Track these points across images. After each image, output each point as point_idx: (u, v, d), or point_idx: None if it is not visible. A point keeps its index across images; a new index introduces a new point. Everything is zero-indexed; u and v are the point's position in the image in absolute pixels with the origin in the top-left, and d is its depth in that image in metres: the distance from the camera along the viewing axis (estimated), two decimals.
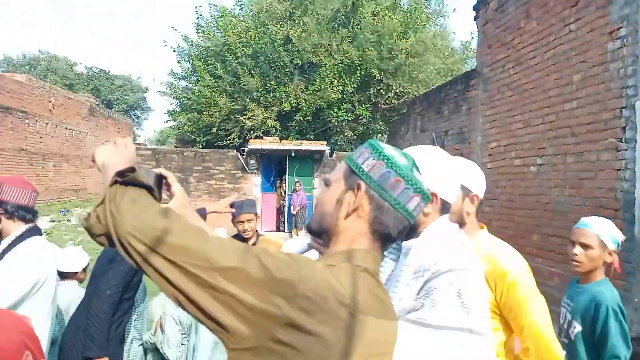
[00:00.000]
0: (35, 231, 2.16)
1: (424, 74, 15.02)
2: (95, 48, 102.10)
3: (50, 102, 18.30)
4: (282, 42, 15.21)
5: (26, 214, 2.12)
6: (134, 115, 44.00)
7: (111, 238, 0.89)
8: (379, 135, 18.56)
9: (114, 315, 2.40)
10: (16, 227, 2.09)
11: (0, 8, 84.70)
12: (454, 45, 18.14)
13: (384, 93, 15.28)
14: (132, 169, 0.95)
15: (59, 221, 14.08)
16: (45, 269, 2.08)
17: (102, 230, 0.90)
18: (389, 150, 1.01)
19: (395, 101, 15.35)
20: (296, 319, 0.81)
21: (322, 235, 1.04)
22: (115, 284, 2.37)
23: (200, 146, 15.83)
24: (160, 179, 1.18)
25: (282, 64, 15.07)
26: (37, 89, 17.74)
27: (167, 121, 20.97)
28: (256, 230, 3.06)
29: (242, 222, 2.95)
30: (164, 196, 1.20)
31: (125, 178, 0.93)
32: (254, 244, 3.09)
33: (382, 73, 14.70)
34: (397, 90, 15.08)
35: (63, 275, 3.26)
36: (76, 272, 3.25)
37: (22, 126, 16.01)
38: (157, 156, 13.12)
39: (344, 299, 0.85)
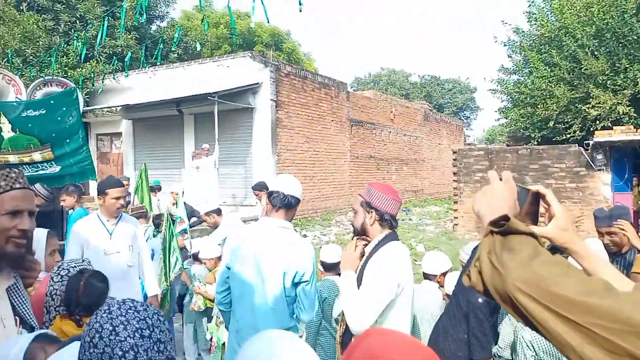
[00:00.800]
0: (394, 236, 2.34)
1: None
2: (427, 57, 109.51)
3: (391, 112, 20.50)
4: (634, 11, 12.75)
5: (393, 222, 2.32)
6: (464, 116, 45.01)
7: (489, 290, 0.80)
8: None
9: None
10: (381, 232, 2.30)
11: (351, 38, 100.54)
12: None
13: None
14: (505, 217, 0.83)
15: (402, 220, 15.54)
16: (406, 272, 2.22)
17: (482, 286, 0.82)
18: None
19: None
20: None
21: None
22: None
23: (535, 142, 14.81)
24: (535, 197, 1.02)
25: (635, 37, 12.62)
26: (381, 102, 20.12)
27: (497, 119, 20.56)
28: (630, 246, 2.57)
29: (602, 234, 2.58)
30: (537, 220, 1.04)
31: (502, 227, 0.82)
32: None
33: None
34: None
35: (424, 276, 3.51)
36: (436, 275, 3.45)
37: (371, 136, 18.45)
38: (489, 156, 12.93)
39: None
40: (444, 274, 3.47)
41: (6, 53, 14.73)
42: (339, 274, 3.00)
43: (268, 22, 5.44)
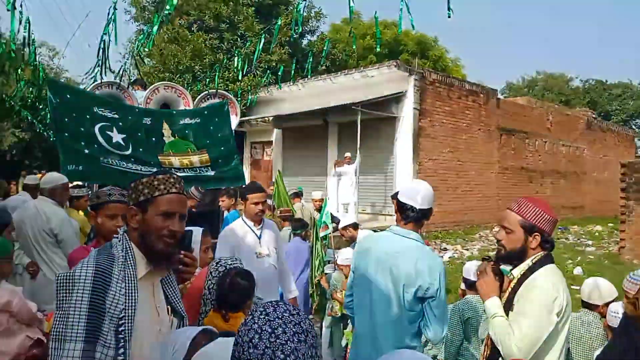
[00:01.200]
0: (550, 259, 2.11)
1: None
2: (591, 59, 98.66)
3: (548, 120, 18.85)
4: None
5: (551, 243, 2.12)
6: (635, 125, 39.64)
7: None
8: None
9: None
10: (535, 253, 2.10)
11: (504, 41, 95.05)
12: None
13: None
14: None
15: (557, 238, 14.14)
16: (565, 300, 2.01)
17: None
18: None
19: None
20: None
21: None
22: None
23: None
24: None
25: None
26: (536, 110, 18.62)
27: None
28: None
29: None
30: None
31: None
32: None
33: None
34: None
35: (583, 304, 3.16)
36: (598, 305, 3.09)
37: (523, 146, 17.16)
38: None
39: None
40: (607, 304, 3.06)
41: (179, 69, 16.78)
42: None
43: (414, 29, 5.37)
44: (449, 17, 3.96)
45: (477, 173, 15.05)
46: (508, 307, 2.07)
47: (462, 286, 3.72)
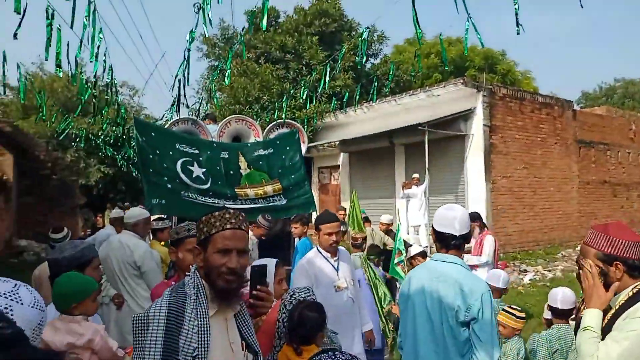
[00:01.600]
0: None
1: None
2: None
3: (630, 129, 17.58)
4: None
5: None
6: None
7: None
8: None
9: None
10: (631, 283, 1.92)
11: (577, 48, 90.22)
12: None
13: None
14: None
15: None
16: None
17: None
18: None
19: None
20: None
21: None
22: None
23: None
24: None
25: None
26: (616, 119, 17.44)
27: None
28: None
29: None
30: None
31: None
32: None
33: None
34: None
35: None
36: None
37: (604, 158, 16.09)
38: None
39: None
40: None
41: (248, 101, 17.40)
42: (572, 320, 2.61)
43: (482, 46, 5.21)
44: (518, 33, 3.81)
45: (555, 189, 14.25)
46: (602, 339, 1.91)
47: (547, 314, 3.48)
